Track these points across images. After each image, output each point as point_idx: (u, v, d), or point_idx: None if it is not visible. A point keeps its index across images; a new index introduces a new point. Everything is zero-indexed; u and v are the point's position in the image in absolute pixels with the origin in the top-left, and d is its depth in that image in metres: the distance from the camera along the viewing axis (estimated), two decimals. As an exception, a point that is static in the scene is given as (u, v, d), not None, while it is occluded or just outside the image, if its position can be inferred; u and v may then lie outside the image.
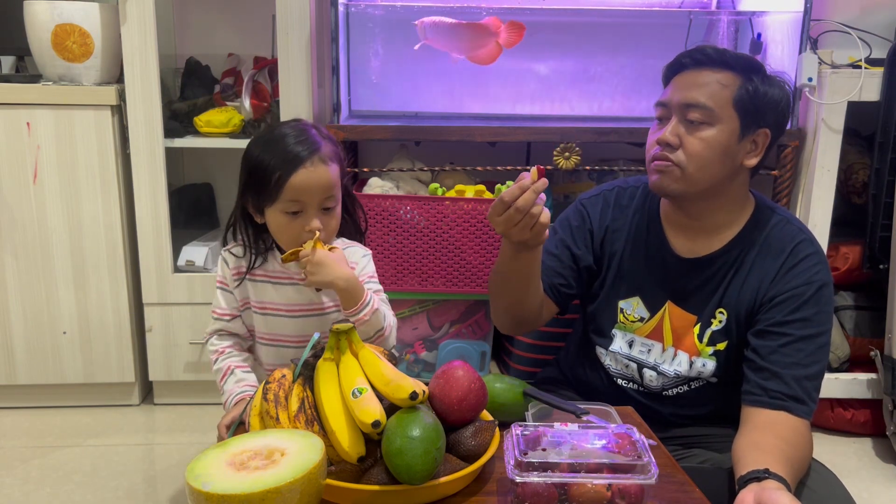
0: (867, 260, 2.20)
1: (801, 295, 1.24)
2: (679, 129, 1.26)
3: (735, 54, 1.27)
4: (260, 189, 1.30)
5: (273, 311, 1.39)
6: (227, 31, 2.48)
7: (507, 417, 1.14)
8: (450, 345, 2.26)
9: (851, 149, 2.26)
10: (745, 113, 1.25)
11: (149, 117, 2.15)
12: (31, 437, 2.17)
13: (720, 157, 1.25)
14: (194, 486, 0.83)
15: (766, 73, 1.28)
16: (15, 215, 2.18)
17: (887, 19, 2.33)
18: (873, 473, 2.09)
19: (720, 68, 1.26)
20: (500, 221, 1.18)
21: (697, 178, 1.26)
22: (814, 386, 1.21)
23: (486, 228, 2.12)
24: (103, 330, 2.27)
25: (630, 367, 1.38)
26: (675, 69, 1.31)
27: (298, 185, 1.27)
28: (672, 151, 1.26)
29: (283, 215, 1.30)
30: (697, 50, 1.29)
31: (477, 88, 2.47)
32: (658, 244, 1.36)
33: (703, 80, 1.25)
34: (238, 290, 1.40)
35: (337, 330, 1.04)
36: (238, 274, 1.39)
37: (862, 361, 2.25)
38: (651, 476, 0.93)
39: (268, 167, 1.28)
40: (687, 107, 1.25)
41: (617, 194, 1.43)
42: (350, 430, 0.97)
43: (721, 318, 1.31)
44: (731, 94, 1.24)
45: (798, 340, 1.22)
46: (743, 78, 1.25)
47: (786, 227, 1.30)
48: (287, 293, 1.39)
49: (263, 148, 1.31)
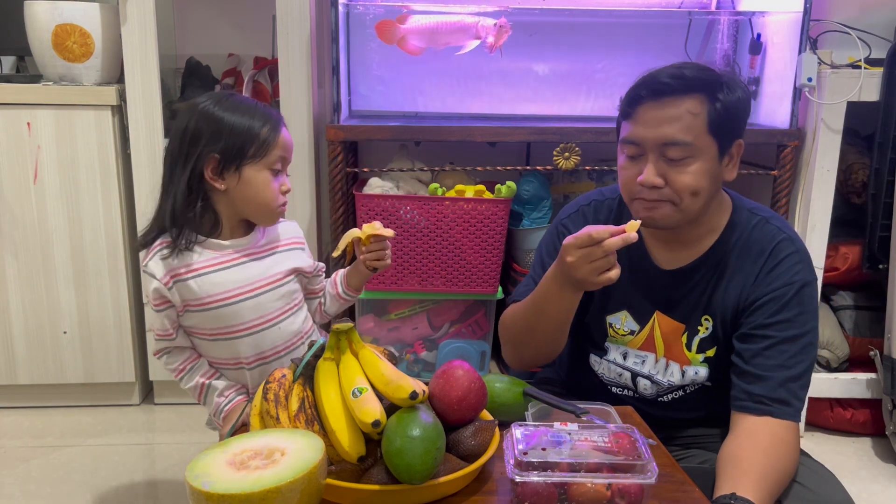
0: (867, 260, 2.20)
1: (782, 297, 1.22)
2: (660, 168, 1.20)
3: (692, 73, 1.19)
4: (245, 146, 1.26)
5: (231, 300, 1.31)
6: (228, 31, 2.49)
7: (507, 417, 1.14)
8: (450, 345, 2.26)
9: (851, 149, 2.26)
10: (720, 134, 1.20)
11: (149, 117, 2.15)
12: (32, 436, 2.17)
13: (709, 184, 1.22)
14: (194, 486, 0.84)
15: (726, 82, 1.21)
16: (15, 215, 2.18)
17: (887, 19, 2.33)
18: (873, 473, 2.09)
19: (683, 95, 1.18)
20: (580, 254, 1.15)
21: (693, 208, 1.22)
22: (800, 386, 1.20)
23: (486, 228, 2.12)
24: (104, 329, 2.27)
25: (624, 377, 1.38)
26: (634, 103, 1.22)
27: (285, 140, 1.31)
28: (660, 190, 1.21)
29: (268, 172, 1.29)
30: (653, 79, 1.20)
31: (477, 88, 2.47)
32: (640, 257, 1.34)
33: (672, 113, 1.18)
34: (174, 296, 1.30)
35: (337, 330, 1.04)
36: (175, 276, 1.29)
37: (861, 361, 2.26)
38: (651, 476, 0.94)
39: (253, 123, 1.27)
40: (664, 145, 1.19)
41: (595, 209, 1.39)
42: (350, 430, 0.98)
43: (707, 325, 1.30)
44: (704, 121, 1.18)
45: (781, 342, 1.21)
46: (709, 98, 1.19)
47: (765, 227, 1.28)
48: (231, 276, 1.31)
49: (236, 108, 1.28)
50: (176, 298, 1.30)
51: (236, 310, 1.31)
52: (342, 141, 2.10)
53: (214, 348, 1.35)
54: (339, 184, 2.14)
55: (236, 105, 1.29)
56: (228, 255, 1.32)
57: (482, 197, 2.11)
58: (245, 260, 1.33)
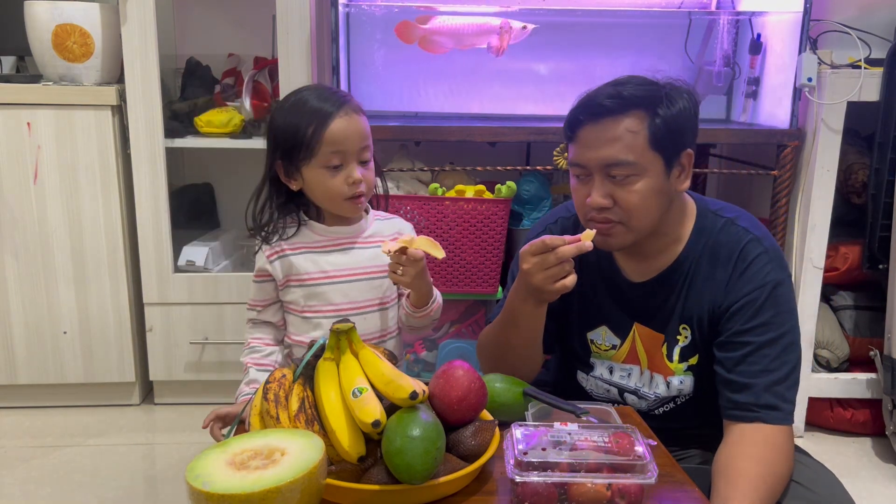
0: (867, 260, 2.20)
1: (755, 300, 1.21)
2: (607, 188, 1.20)
3: (630, 90, 1.18)
4: (294, 149, 1.29)
5: (325, 280, 1.36)
6: (228, 31, 2.49)
7: (507, 417, 1.14)
8: (450, 345, 2.26)
9: (851, 149, 2.26)
10: (664, 149, 1.19)
11: (149, 117, 2.15)
12: (32, 436, 2.17)
13: (658, 199, 1.21)
14: (194, 486, 0.84)
15: (667, 94, 1.19)
16: (15, 215, 2.18)
17: (887, 19, 2.33)
18: (873, 473, 2.09)
19: (622, 114, 1.17)
20: (534, 261, 1.16)
21: (643, 226, 1.22)
22: (786, 387, 1.19)
23: (486, 228, 2.12)
24: (104, 330, 2.27)
25: (611, 392, 1.37)
26: (574, 126, 1.22)
27: (336, 133, 1.28)
28: (608, 210, 1.21)
29: (324, 170, 1.29)
30: (591, 102, 1.20)
31: (477, 88, 2.47)
32: (611, 273, 1.34)
33: (611, 133, 1.17)
34: (276, 270, 1.36)
35: (337, 330, 1.04)
36: (276, 252, 1.36)
37: (861, 361, 2.26)
38: (651, 476, 0.94)
39: (300, 124, 1.28)
40: (607, 166, 1.18)
41: (562, 227, 1.39)
42: (350, 430, 0.98)
43: (686, 333, 1.29)
44: (645, 138, 1.17)
45: (761, 347, 1.20)
46: (648, 115, 1.17)
47: (731, 229, 1.26)
48: (332, 259, 1.36)
49: (289, 110, 1.31)
50: (277, 273, 1.36)
51: (326, 291, 1.36)
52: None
53: (304, 326, 1.38)
54: (339, 184, 2.14)
55: (297, 103, 1.31)
56: (330, 240, 1.37)
57: (482, 197, 2.11)
58: (346, 247, 1.37)
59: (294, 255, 1.35)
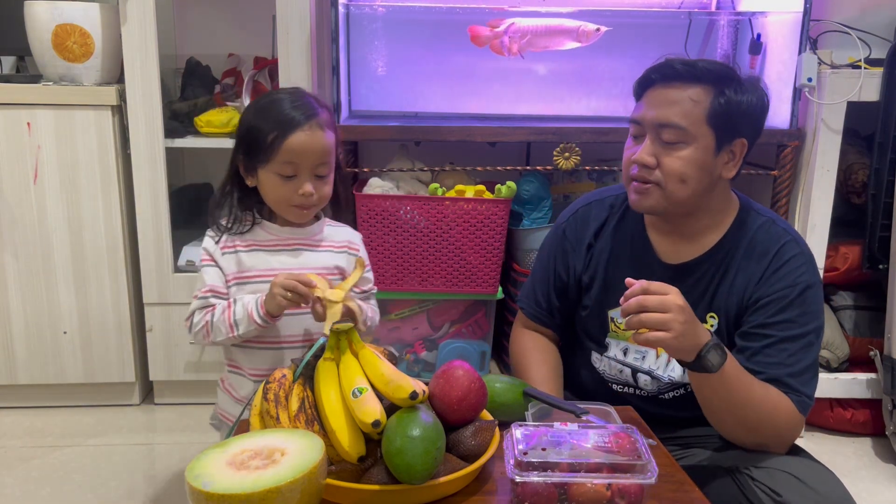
0: (867, 260, 2.20)
1: (784, 297, 1.23)
2: (655, 149, 1.24)
3: (705, 65, 1.24)
4: (254, 149, 1.32)
5: (267, 279, 1.34)
6: (228, 31, 2.49)
7: (507, 417, 1.15)
8: (450, 345, 2.26)
9: (851, 149, 2.26)
10: (719, 127, 1.23)
11: (149, 117, 2.15)
12: (32, 436, 2.17)
13: (698, 173, 1.24)
14: (194, 486, 0.84)
15: (740, 81, 1.24)
16: (15, 215, 2.18)
17: (887, 19, 2.33)
18: (873, 473, 2.09)
19: (690, 83, 1.22)
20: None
21: (678, 196, 1.25)
22: (801, 382, 1.21)
23: (486, 228, 2.12)
24: (104, 330, 2.27)
25: (624, 373, 1.38)
26: (644, 85, 1.28)
27: (294, 146, 1.29)
28: (650, 171, 1.25)
29: (277, 177, 1.32)
30: (666, 64, 1.25)
31: (477, 88, 2.47)
32: (643, 251, 1.35)
33: (674, 97, 1.23)
34: (226, 264, 1.38)
35: (337, 330, 1.05)
36: (229, 247, 1.38)
37: (861, 361, 2.25)
38: (651, 476, 0.94)
39: (263, 128, 1.31)
40: (660, 126, 1.23)
41: (593, 208, 1.43)
42: (350, 430, 0.98)
43: (712, 322, 1.30)
44: (704, 110, 1.22)
45: (781, 341, 1.22)
46: (715, 91, 1.22)
47: (771, 228, 1.29)
48: (281, 259, 1.38)
49: (260, 110, 1.33)
50: (225, 265, 1.37)
51: None
52: (342, 141, 2.10)
53: None
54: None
55: (270, 104, 1.33)
56: (281, 240, 1.39)
57: (482, 197, 2.11)
58: (296, 248, 1.39)
59: (245, 253, 1.38)
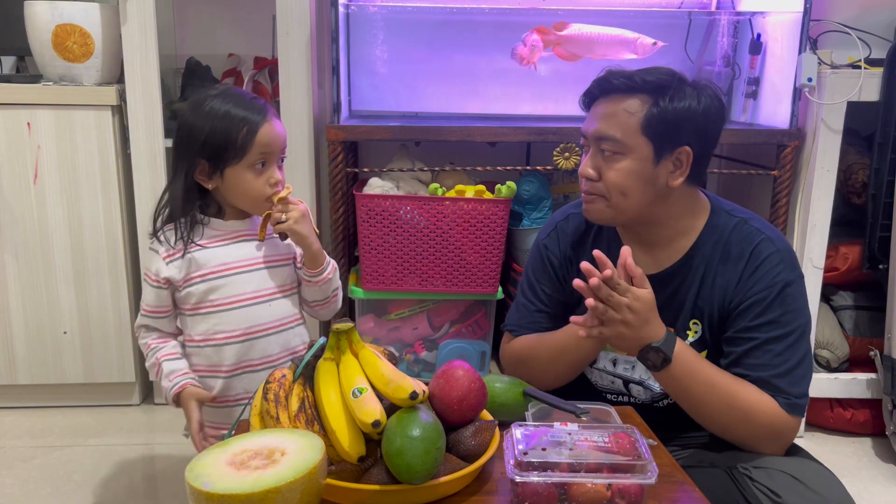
0: (867, 260, 2.20)
1: (764, 299, 1.23)
2: (596, 161, 1.27)
3: (645, 76, 1.24)
4: (221, 150, 1.34)
5: (228, 272, 1.40)
6: (228, 31, 2.49)
7: (507, 417, 1.15)
8: (450, 345, 2.26)
9: (851, 149, 2.26)
10: (656, 137, 1.22)
11: (149, 117, 2.15)
12: (32, 436, 2.17)
13: (639, 184, 1.24)
14: (194, 486, 0.84)
15: (681, 89, 1.23)
16: (15, 215, 2.18)
17: (887, 19, 2.33)
18: (873, 473, 2.09)
19: (626, 95, 1.24)
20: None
21: (623, 207, 1.27)
22: (788, 382, 1.20)
23: (486, 228, 2.12)
24: (104, 330, 2.27)
25: (616, 383, 1.38)
26: (588, 99, 1.31)
27: (265, 137, 1.35)
28: (594, 184, 1.27)
29: (250, 171, 1.35)
30: (604, 78, 1.27)
31: (477, 88, 2.47)
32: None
33: (611, 110, 1.25)
34: (174, 272, 1.39)
35: (337, 330, 1.05)
36: (175, 253, 1.39)
37: (861, 361, 2.25)
38: (651, 476, 0.94)
39: (231, 126, 1.33)
40: (599, 139, 1.26)
41: (571, 221, 1.43)
42: (350, 430, 0.98)
43: (696, 328, 1.30)
44: (639, 120, 1.22)
45: (765, 343, 1.22)
46: (651, 101, 1.22)
47: (744, 229, 1.29)
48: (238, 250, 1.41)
49: (212, 113, 1.34)
50: (175, 275, 1.39)
51: (229, 282, 1.40)
52: (342, 141, 2.10)
53: (204, 323, 1.41)
54: (339, 184, 2.14)
55: (217, 108, 1.35)
56: (228, 234, 1.42)
57: (482, 197, 2.11)
58: (243, 239, 1.43)
59: (194, 252, 1.39)
